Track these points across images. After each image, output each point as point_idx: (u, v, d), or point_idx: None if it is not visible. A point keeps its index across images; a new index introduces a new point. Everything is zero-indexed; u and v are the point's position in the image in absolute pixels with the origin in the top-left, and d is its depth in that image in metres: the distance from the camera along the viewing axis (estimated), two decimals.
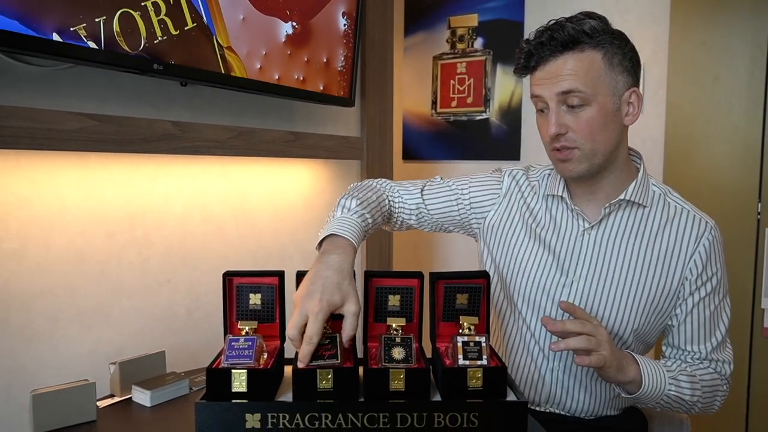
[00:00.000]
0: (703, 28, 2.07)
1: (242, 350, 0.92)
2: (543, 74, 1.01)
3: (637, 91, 1.04)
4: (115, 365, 1.14)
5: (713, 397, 1.08)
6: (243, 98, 1.57)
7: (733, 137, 2.05)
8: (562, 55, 0.99)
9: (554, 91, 0.99)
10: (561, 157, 1.03)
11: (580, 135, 1.00)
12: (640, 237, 1.08)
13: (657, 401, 1.03)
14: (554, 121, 1.00)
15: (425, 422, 0.88)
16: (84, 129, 1.16)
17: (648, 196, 1.09)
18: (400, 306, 1.02)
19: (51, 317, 1.22)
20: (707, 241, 1.06)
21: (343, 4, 1.71)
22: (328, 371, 0.90)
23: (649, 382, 1.00)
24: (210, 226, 1.54)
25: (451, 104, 2.71)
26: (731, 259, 2.03)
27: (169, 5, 1.23)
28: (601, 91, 0.99)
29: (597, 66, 0.99)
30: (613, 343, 0.98)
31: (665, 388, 1.01)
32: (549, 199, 1.16)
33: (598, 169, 1.05)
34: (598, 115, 1.00)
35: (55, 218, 1.22)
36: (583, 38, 0.98)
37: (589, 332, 0.94)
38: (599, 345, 0.94)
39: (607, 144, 1.02)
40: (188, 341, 1.48)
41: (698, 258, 1.06)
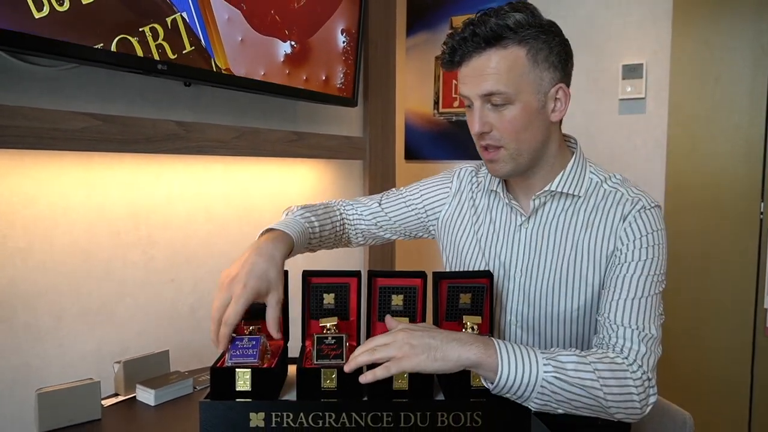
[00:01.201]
0: (705, 28, 2.07)
1: (246, 349, 0.92)
2: (467, 71, 0.99)
3: (564, 88, 1.01)
4: (120, 364, 1.14)
5: (623, 387, 0.89)
6: (246, 98, 1.58)
7: (736, 137, 2.05)
8: (485, 51, 0.96)
9: (476, 93, 0.98)
10: (488, 157, 1.03)
11: (504, 134, 0.99)
12: (572, 226, 1.05)
13: (540, 392, 0.86)
14: (477, 119, 0.99)
15: (429, 421, 0.88)
16: (88, 129, 1.16)
17: (581, 186, 1.06)
18: (404, 306, 1.02)
19: (56, 316, 1.22)
20: (633, 217, 1.00)
21: (343, 20, 1.71)
22: (332, 371, 0.90)
23: (508, 357, 0.86)
24: (214, 226, 1.55)
25: (453, 104, 2.71)
26: (734, 258, 2.05)
27: (167, 30, 1.23)
28: (524, 89, 0.97)
29: (520, 63, 0.96)
30: (424, 327, 0.89)
31: (539, 369, 0.86)
32: (491, 194, 1.17)
33: (525, 168, 1.04)
34: (522, 113, 0.98)
35: (59, 217, 1.22)
36: (506, 33, 0.95)
37: (373, 347, 0.85)
38: (394, 350, 0.84)
39: (532, 142, 1.01)
40: (192, 340, 1.49)
41: (625, 231, 1.01)
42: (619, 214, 1.02)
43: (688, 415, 1.18)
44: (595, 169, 1.10)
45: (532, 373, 0.86)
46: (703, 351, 2.12)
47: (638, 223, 1.01)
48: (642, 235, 1.00)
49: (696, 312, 2.12)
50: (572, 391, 0.87)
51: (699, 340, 2.12)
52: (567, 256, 1.05)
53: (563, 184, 1.06)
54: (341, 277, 1.03)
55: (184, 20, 1.26)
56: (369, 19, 1.92)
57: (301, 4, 1.55)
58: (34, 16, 1.02)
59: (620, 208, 1.03)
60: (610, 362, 0.91)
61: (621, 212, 1.02)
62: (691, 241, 2.13)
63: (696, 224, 2.12)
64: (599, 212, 1.05)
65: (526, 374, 0.86)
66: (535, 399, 0.87)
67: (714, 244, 2.10)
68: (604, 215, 1.04)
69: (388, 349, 0.84)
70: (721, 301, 2.09)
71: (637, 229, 1.00)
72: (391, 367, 0.83)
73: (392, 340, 0.85)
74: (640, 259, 0.99)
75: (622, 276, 0.99)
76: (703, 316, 2.12)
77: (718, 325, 2.10)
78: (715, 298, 2.10)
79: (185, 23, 1.27)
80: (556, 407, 0.89)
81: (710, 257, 2.10)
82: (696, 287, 2.12)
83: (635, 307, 0.96)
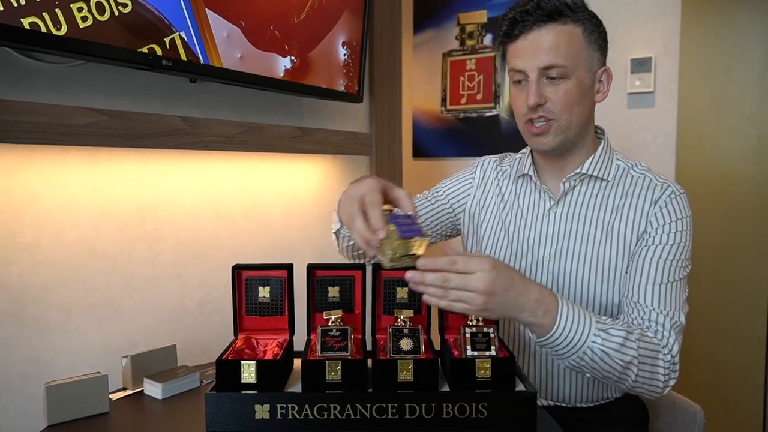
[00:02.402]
0: (715, 20, 2.05)
1: (409, 225, 0.85)
2: (525, 45, 1.02)
3: (608, 70, 1.08)
4: (127, 358, 1.15)
5: (653, 366, 0.93)
6: (251, 94, 1.58)
7: (747, 130, 2.02)
8: (545, 25, 1.00)
9: (536, 65, 1.01)
10: (537, 131, 1.05)
11: (558, 106, 1.02)
12: (602, 210, 1.08)
13: (579, 355, 0.90)
14: (534, 91, 1.02)
15: (434, 413, 0.88)
16: (94, 124, 1.17)
17: (610, 171, 1.10)
18: (409, 298, 1.02)
19: (64, 310, 1.23)
20: (664, 202, 1.04)
21: (344, 33, 1.70)
22: (337, 362, 0.90)
23: (564, 323, 0.88)
24: (221, 221, 1.55)
25: (460, 101, 2.70)
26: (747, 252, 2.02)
27: (165, 50, 1.23)
28: (579, 65, 1.02)
29: (578, 40, 1.02)
30: (503, 288, 0.85)
31: (589, 338, 0.88)
32: (519, 180, 1.19)
33: (569, 145, 1.07)
34: (576, 88, 1.02)
35: (66, 212, 1.23)
36: (566, 11, 1.01)
37: (452, 288, 0.83)
38: (468, 305, 0.84)
39: (580, 117, 1.05)
40: (199, 335, 1.49)
41: (656, 215, 1.04)
42: (650, 199, 1.06)
43: (699, 408, 1.17)
44: (621, 157, 1.14)
45: (581, 340, 0.89)
46: (716, 344, 2.09)
47: (669, 208, 1.04)
48: (673, 220, 1.03)
49: (708, 306, 2.10)
50: (609, 364, 0.91)
51: (712, 333, 2.10)
52: (597, 240, 1.07)
53: (593, 167, 1.09)
54: (346, 270, 1.03)
55: (183, 39, 1.26)
56: (374, 15, 1.92)
57: (301, 19, 1.54)
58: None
59: (650, 193, 1.06)
60: (650, 342, 0.95)
61: (651, 197, 1.06)
62: (703, 235, 2.09)
63: (707, 218, 2.09)
64: (629, 197, 1.08)
65: (573, 340, 0.89)
66: (573, 360, 0.91)
67: (726, 238, 2.07)
68: (634, 200, 1.07)
69: (463, 303, 0.84)
70: (733, 294, 2.07)
71: (668, 214, 1.04)
72: (455, 307, 0.85)
73: (471, 294, 0.83)
74: (668, 242, 1.02)
75: (652, 259, 1.02)
76: (716, 310, 2.09)
77: (731, 319, 2.07)
78: (727, 291, 2.08)
79: (184, 43, 1.26)
80: (587, 372, 0.93)
81: (722, 251, 2.08)
82: (708, 281, 2.10)
83: (666, 292, 1.00)
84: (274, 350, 0.99)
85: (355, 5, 1.72)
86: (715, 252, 2.09)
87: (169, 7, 1.23)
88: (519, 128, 1.12)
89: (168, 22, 1.23)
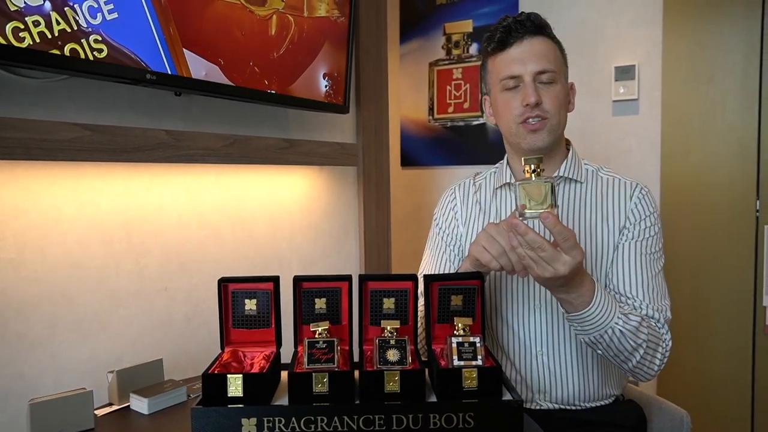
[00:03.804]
0: (696, 29, 2.08)
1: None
2: (518, 52, 1.12)
3: (574, 86, 1.21)
4: (113, 373, 1.14)
5: (654, 352, 1.06)
6: (237, 106, 1.58)
7: (730, 136, 2.05)
8: (536, 36, 1.12)
9: (531, 70, 1.11)
10: (533, 127, 1.12)
11: (552, 106, 1.12)
12: (582, 209, 1.17)
13: (601, 333, 0.99)
14: (533, 90, 1.10)
15: (421, 423, 0.88)
16: (78, 139, 1.17)
17: (581, 174, 1.20)
18: (395, 309, 1.03)
19: (48, 325, 1.22)
20: (638, 198, 1.15)
21: (326, 64, 1.69)
22: (324, 375, 0.90)
23: (599, 303, 0.98)
24: (207, 233, 1.55)
25: (447, 110, 2.72)
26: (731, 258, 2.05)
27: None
28: (561, 74, 1.15)
29: (557, 54, 1.15)
30: (571, 280, 0.95)
31: (613, 319, 0.99)
32: (497, 192, 1.26)
33: (553, 145, 1.16)
34: (562, 92, 1.14)
35: (51, 227, 1.23)
36: (547, 29, 1.14)
37: (540, 246, 0.91)
38: (546, 261, 0.92)
39: (564, 121, 1.16)
40: (186, 348, 1.48)
41: (633, 211, 1.15)
42: (624, 195, 1.16)
43: (685, 413, 1.18)
44: (587, 161, 1.24)
45: (607, 319, 0.99)
46: (703, 351, 2.10)
47: (643, 203, 1.16)
48: (647, 214, 1.15)
49: (694, 311, 2.12)
50: (623, 344, 1.01)
51: (698, 339, 2.11)
52: (582, 238, 1.15)
53: (568, 170, 1.19)
54: (332, 281, 1.03)
55: (161, 74, 1.25)
56: (360, 26, 1.94)
57: (281, 53, 1.54)
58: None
59: (623, 191, 1.17)
60: (656, 331, 1.07)
61: (625, 194, 1.16)
62: (688, 241, 2.12)
63: (692, 224, 2.12)
64: (604, 196, 1.17)
65: (601, 320, 0.99)
66: (594, 336, 1.00)
67: (711, 244, 2.09)
68: (610, 198, 1.17)
69: (535, 269, 0.93)
70: (719, 300, 2.09)
71: (643, 209, 1.15)
72: (528, 264, 0.94)
73: (549, 269, 0.91)
74: (647, 236, 1.14)
75: (635, 254, 1.12)
76: (702, 315, 2.11)
77: (717, 325, 2.09)
78: (713, 297, 2.10)
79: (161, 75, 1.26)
80: (600, 349, 1.03)
81: (707, 257, 2.10)
82: (694, 287, 2.11)
83: (654, 287, 1.12)
84: (261, 363, 0.98)
85: (337, 36, 1.72)
86: (700, 257, 2.11)
87: (145, 48, 1.22)
88: (509, 132, 1.17)
89: (144, 64, 1.22)
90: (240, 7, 1.41)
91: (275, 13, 1.50)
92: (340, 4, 1.71)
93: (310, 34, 1.62)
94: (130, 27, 1.19)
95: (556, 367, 1.15)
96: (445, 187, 1.38)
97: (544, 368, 1.16)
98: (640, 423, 1.20)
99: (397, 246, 2.40)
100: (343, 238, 1.99)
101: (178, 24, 1.27)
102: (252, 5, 1.44)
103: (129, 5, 1.18)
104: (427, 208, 2.65)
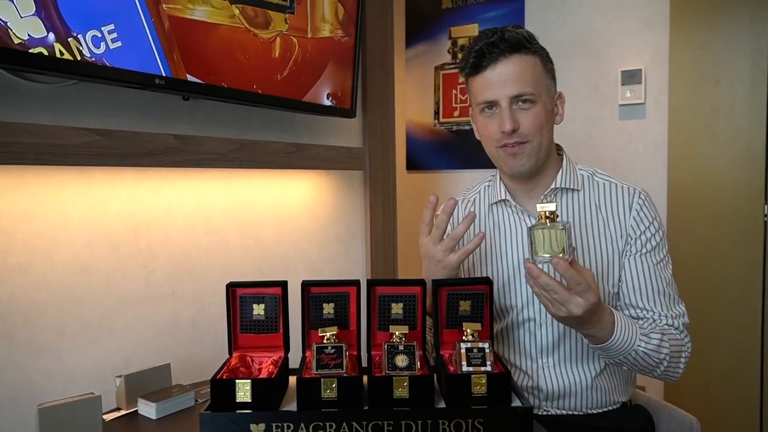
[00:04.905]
0: (702, 32, 2.07)
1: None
2: (494, 76, 1.08)
3: (561, 94, 1.17)
4: (121, 378, 1.14)
5: (678, 359, 1.08)
6: (245, 111, 1.59)
7: (737, 140, 2.04)
8: (511, 56, 1.07)
9: (507, 94, 1.07)
10: (513, 152, 1.10)
11: (531, 130, 1.09)
12: (580, 219, 1.15)
13: (625, 356, 1.01)
14: (508, 117, 1.07)
15: (430, 429, 0.87)
16: (87, 144, 1.17)
17: (577, 181, 1.17)
18: (404, 314, 1.02)
19: (57, 330, 1.22)
20: (638, 205, 1.14)
21: (330, 85, 1.68)
22: (332, 380, 0.90)
23: (620, 333, 0.98)
24: (214, 238, 1.55)
25: (453, 114, 2.72)
26: (739, 263, 2.03)
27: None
28: (542, 92, 1.10)
29: (538, 69, 1.10)
30: (587, 319, 0.94)
31: (636, 342, 1.00)
32: (494, 208, 1.23)
33: (540, 165, 1.13)
34: (543, 112, 1.10)
35: (59, 232, 1.23)
36: (525, 43, 1.08)
37: (553, 290, 0.91)
38: (562, 302, 0.91)
39: (549, 139, 1.13)
40: (194, 353, 1.48)
41: (635, 219, 1.13)
42: (624, 203, 1.14)
43: (695, 420, 1.17)
44: (581, 166, 1.21)
45: (628, 347, 1.00)
46: (710, 356, 2.09)
47: (644, 212, 1.13)
48: (649, 222, 1.13)
49: (702, 317, 2.10)
50: (647, 361, 1.03)
51: (706, 344, 2.10)
52: (585, 249, 1.14)
53: (564, 180, 1.16)
54: (340, 286, 1.03)
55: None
56: (367, 30, 1.94)
57: (284, 75, 1.53)
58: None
59: (621, 197, 1.15)
60: (678, 339, 1.08)
61: (624, 201, 1.14)
62: (695, 246, 2.11)
63: (699, 228, 2.11)
64: (602, 203, 1.16)
65: (624, 347, 0.99)
66: (618, 359, 1.02)
67: (718, 249, 2.08)
68: (609, 204, 1.15)
69: (551, 308, 0.93)
70: (727, 305, 2.07)
71: (644, 218, 1.13)
72: (544, 302, 0.95)
73: (563, 309, 0.91)
74: (653, 246, 1.12)
75: (645, 267, 1.11)
76: (710, 320, 2.09)
77: (725, 330, 2.08)
78: (720, 302, 2.08)
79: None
80: (625, 366, 1.04)
81: (714, 262, 2.09)
82: (701, 292, 2.10)
83: (669, 296, 1.11)
84: (269, 368, 0.98)
85: (342, 55, 1.71)
86: (707, 262, 2.10)
87: (149, 73, 1.21)
88: (490, 154, 1.17)
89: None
90: (243, 31, 1.40)
91: (279, 35, 1.50)
92: (344, 23, 1.70)
93: (314, 53, 1.61)
94: (133, 54, 1.18)
95: (564, 375, 1.15)
96: (451, 191, 1.39)
97: (551, 375, 1.15)
98: (648, 428, 1.19)
99: (403, 250, 2.40)
100: (350, 242, 1.99)
101: (181, 50, 1.26)
102: (255, 28, 1.43)
103: (132, 33, 1.17)
104: None
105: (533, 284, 0.92)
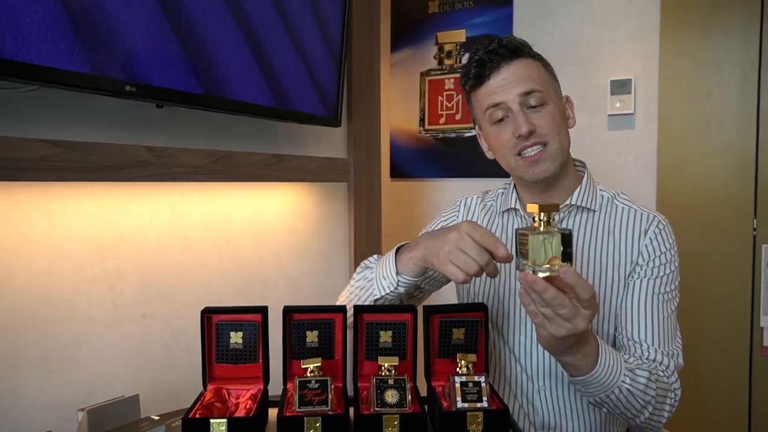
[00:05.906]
0: (693, 44, 2.06)
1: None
2: (498, 81, 1.04)
3: (569, 98, 1.13)
4: (83, 412, 1.05)
5: (663, 403, 0.99)
6: (223, 120, 1.51)
7: (727, 153, 2.02)
8: (512, 61, 1.04)
9: (516, 93, 1.03)
10: (533, 158, 1.04)
11: (548, 129, 1.03)
12: (593, 240, 1.10)
13: (607, 393, 0.91)
14: (523, 120, 1.02)
15: None
16: (47, 157, 1.08)
17: (596, 201, 1.12)
18: (393, 342, 0.96)
19: (10, 362, 1.12)
20: (653, 233, 1.07)
21: (313, 92, 1.63)
22: (317, 419, 0.83)
23: (604, 363, 0.89)
24: (190, 255, 1.46)
25: (439, 121, 2.67)
26: (728, 277, 2.01)
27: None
28: (551, 92, 1.07)
29: (542, 71, 1.07)
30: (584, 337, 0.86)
31: (619, 379, 0.91)
32: (504, 215, 1.19)
33: (560, 171, 1.08)
34: (556, 111, 1.05)
35: (17, 253, 1.13)
36: (524, 49, 1.06)
37: (561, 304, 0.79)
38: (545, 325, 0.82)
39: (567, 141, 1.08)
40: (166, 381, 1.40)
41: (647, 247, 1.07)
42: (639, 229, 1.08)
43: None
44: (603, 187, 1.15)
45: (612, 382, 0.91)
46: (698, 373, 2.06)
47: (659, 239, 1.07)
48: (663, 251, 1.06)
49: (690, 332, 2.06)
50: (631, 403, 0.94)
51: (693, 361, 2.06)
52: (591, 270, 1.08)
53: (582, 198, 1.10)
54: (325, 312, 0.96)
55: None
56: (352, 37, 1.88)
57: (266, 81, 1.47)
58: None
59: (638, 223, 1.09)
60: (664, 383, 0.99)
61: (640, 227, 1.08)
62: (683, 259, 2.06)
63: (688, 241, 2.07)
64: (617, 227, 1.10)
65: (607, 381, 0.90)
66: (599, 397, 0.92)
67: (707, 262, 2.06)
68: (623, 230, 1.09)
69: (549, 327, 0.80)
70: (715, 320, 2.05)
71: (658, 246, 1.07)
72: (538, 321, 0.82)
73: (566, 326, 0.79)
74: (660, 275, 1.05)
75: (647, 294, 1.04)
76: (698, 336, 2.07)
77: (714, 346, 2.06)
78: (709, 317, 2.06)
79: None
80: (606, 408, 0.95)
81: (703, 275, 2.06)
82: (689, 305, 2.07)
83: (665, 330, 1.03)
84: (247, 404, 0.91)
85: (326, 61, 1.66)
86: (696, 274, 2.07)
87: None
88: (508, 166, 1.09)
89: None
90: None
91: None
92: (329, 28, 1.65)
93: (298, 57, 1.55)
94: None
95: (560, 404, 1.10)
96: (436, 200, 1.34)
97: (547, 404, 1.10)
98: None
99: None
100: (332, 256, 1.92)
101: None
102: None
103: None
104: (418, 221, 2.59)
105: (530, 301, 0.79)
